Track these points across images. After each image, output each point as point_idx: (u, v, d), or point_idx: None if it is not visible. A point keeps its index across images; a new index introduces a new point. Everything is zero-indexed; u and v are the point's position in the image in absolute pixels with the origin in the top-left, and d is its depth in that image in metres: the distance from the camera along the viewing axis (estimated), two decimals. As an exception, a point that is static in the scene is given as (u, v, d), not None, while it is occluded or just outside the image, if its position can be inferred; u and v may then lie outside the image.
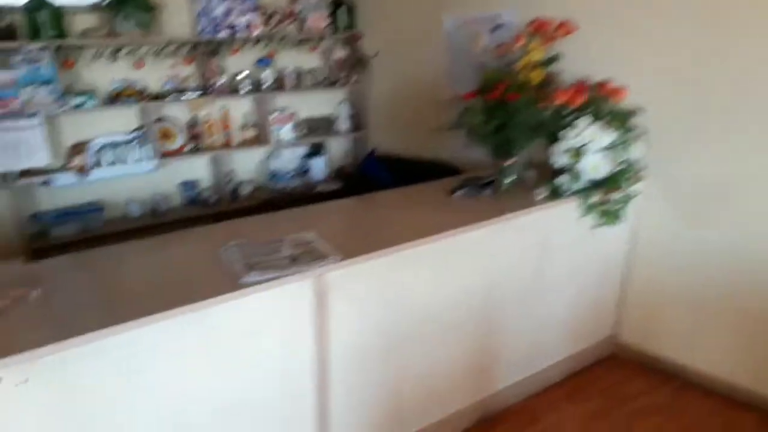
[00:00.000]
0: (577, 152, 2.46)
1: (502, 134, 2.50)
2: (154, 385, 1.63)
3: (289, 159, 4.44)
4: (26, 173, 3.29)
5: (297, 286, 1.79)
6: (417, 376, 2.27)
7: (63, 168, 3.45)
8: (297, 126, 4.29)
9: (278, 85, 4.14)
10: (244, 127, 4.18)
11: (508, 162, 2.62)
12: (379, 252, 1.92)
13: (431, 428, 2.38)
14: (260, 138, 4.21)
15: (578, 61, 2.71)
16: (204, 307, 1.61)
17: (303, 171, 4.50)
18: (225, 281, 1.70)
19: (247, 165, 4.32)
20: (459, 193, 2.62)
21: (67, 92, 3.36)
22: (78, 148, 3.51)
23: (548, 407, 2.66)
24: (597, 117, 2.51)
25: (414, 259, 2.07)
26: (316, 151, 4.55)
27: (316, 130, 4.50)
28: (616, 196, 2.49)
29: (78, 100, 3.35)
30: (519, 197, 2.53)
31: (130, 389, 1.58)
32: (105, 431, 1.57)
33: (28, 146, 3.21)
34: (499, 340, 2.52)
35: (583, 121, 2.48)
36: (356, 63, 4.44)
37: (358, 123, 4.58)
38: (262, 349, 1.82)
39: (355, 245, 1.98)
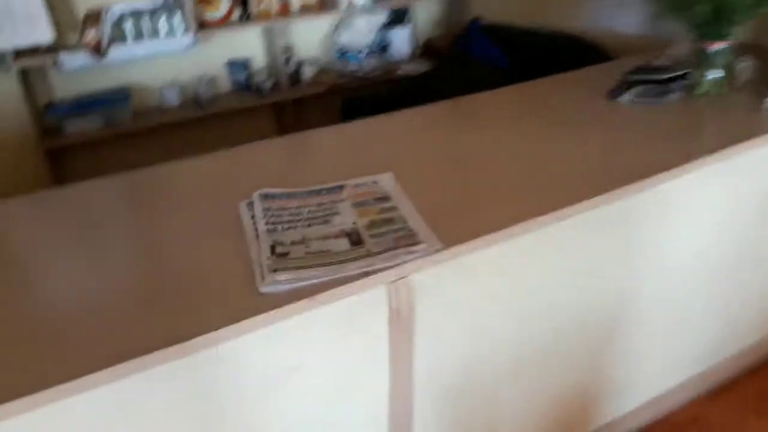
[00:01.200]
0: None
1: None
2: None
3: (362, 31, 3.42)
4: (24, 53, 2.55)
5: (359, 299, 0.98)
6: (538, 400, 1.48)
7: (75, 46, 2.69)
8: (373, -15, 3.26)
9: (349, -74, 3.07)
10: (304, -13, 3.19)
11: (715, 46, 1.57)
12: (501, 233, 1.04)
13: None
14: (325, 3, 3.22)
15: None
16: (188, 352, 0.85)
17: (381, 47, 3.50)
18: (237, 285, 0.93)
19: (309, 39, 3.38)
20: (625, 96, 1.64)
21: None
22: (91, 19, 2.70)
23: (724, 421, 1.82)
24: None
25: (555, 237, 1.19)
26: (398, 19, 3.51)
27: (399, -10, 3.43)
28: None
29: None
30: (731, 108, 1.53)
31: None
32: None
33: (22, 14, 2.44)
34: (656, 343, 1.64)
35: None
36: None
37: (453, -20, 3.46)
38: (298, 400, 1.06)
39: (458, 209, 1.13)
